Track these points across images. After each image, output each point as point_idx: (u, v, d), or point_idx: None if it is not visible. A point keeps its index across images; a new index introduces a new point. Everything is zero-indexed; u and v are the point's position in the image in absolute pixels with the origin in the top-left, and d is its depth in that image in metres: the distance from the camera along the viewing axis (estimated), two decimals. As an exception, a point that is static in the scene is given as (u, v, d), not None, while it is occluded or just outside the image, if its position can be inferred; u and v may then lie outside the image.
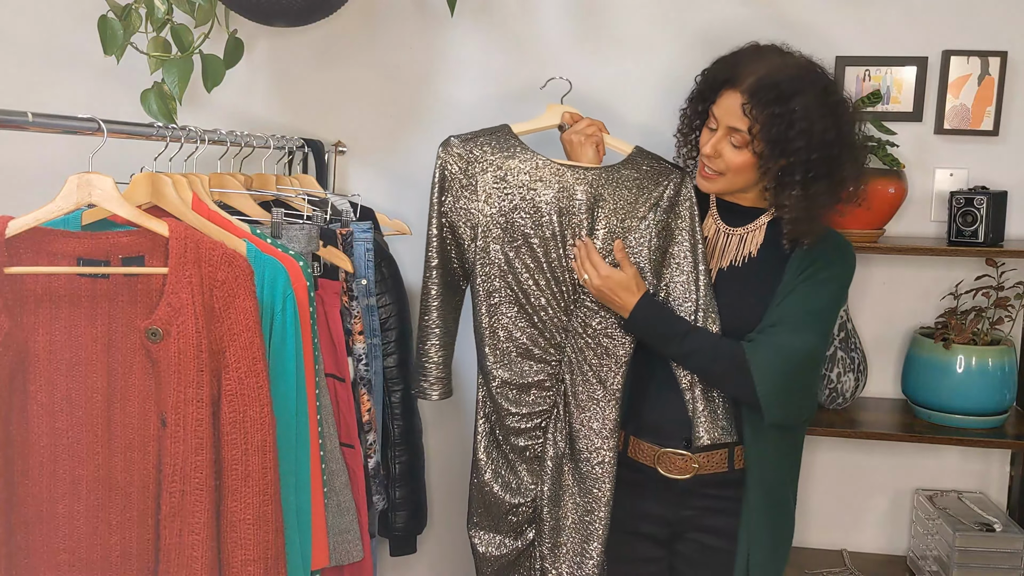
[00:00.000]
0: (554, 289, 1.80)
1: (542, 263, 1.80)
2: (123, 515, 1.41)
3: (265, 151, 2.04)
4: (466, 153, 1.81)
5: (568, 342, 1.82)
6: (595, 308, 1.80)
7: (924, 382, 2.16)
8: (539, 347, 1.82)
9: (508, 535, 1.88)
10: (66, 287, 1.39)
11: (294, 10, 1.94)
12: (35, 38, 2.46)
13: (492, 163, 1.81)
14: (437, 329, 1.87)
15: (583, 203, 1.78)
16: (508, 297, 1.81)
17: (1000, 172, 2.23)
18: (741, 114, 1.67)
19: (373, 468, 1.96)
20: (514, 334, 1.82)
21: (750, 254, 1.80)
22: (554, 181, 1.79)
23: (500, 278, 1.80)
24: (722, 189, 1.78)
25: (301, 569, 1.57)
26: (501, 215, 1.79)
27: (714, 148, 1.72)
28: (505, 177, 1.80)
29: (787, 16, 2.24)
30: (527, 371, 1.82)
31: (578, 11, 2.32)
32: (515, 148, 1.82)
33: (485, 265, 1.80)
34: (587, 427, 1.81)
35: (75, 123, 1.44)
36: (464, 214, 1.81)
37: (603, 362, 1.80)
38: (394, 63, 2.38)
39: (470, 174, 1.80)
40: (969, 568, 2.09)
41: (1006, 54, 2.18)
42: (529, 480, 1.85)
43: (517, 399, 1.83)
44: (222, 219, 1.61)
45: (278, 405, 1.46)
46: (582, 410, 1.81)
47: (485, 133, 1.84)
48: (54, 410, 1.38)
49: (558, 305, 1.81)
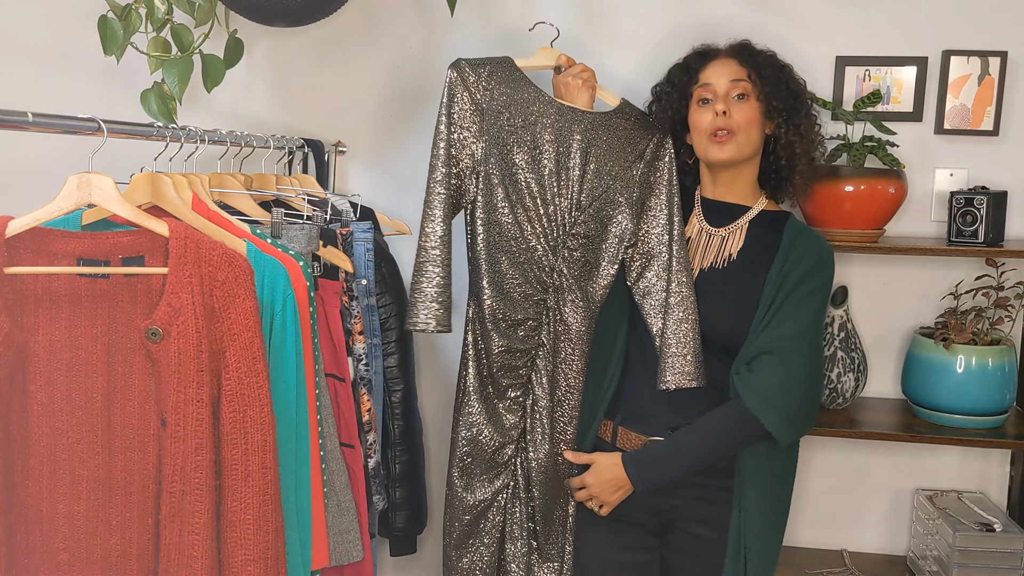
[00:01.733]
0: (545, 225, 1.83)
1: (536, 198, 1.82)
2: (123, 515, 1.41)
3: (265, 151, 2.04)
4: (475, 79, 1.83)
5: (553, 282, 1.85)
6: (577, 253, 1.83)
7: (924, 382, 2.16)
8: (529, 283, 1.84)
9: (483, 477, 1.90)
10: (66, 287, 1.39)
11: (294, 10, 1.94)
12: (35, 38, 2.46)
13: (499, 91, 1.83)
14: (438, 252, 1.83)
15: (578, 144, 1.83)
16: (505, 230, 1.83)
17: (1000, 172, 2.23)
18: (738, 67, 1.83)
19: (373, 468, 1.96)
20: (505, 268, 1.83)
21: (730, 256, 1.83)
22: (554, 119, 1.83)
23: (496, 210, 1.82)
24: (735, 154, 1.81)
25: (301, 569, 1.57)
26: (501, 143, 1.82)
27: (724, 103, 1.80)
28: (509, 106, 1.83)
29: (787, 16, 2.25)
30: (517, 306, 1.85)
31: (578, 11, 2.32)
32: (520, 82, 1.85)
33: (484, 195, 1.83)
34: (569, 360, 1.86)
35: (75, 123, 1.44)
36: (467, 142, 1.83)
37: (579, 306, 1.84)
38: (394, 63, 2.38)
39: (476, 100, 1.83)
40: (969, 568, 2.09)
41: (1006, 54, 2.18)
42: (514, 420, 1.89)
43: (507, 332, 1.85)
44: (222, 219, 1.61)
45: (278, 405, 1.46)
46: (559, 351, 1.85)
47: (492, 62, 1.87)
48: (54, 410, 1.38)
49: (547, 244, 1.83)
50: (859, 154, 2.12)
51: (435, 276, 1.82)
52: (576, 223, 1.82)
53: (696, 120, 1.84)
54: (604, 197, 1.83)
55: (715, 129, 1.80)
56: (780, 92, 1.84)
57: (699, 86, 1.84)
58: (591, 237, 1.83)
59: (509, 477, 1.91)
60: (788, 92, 1.85)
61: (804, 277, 1.77)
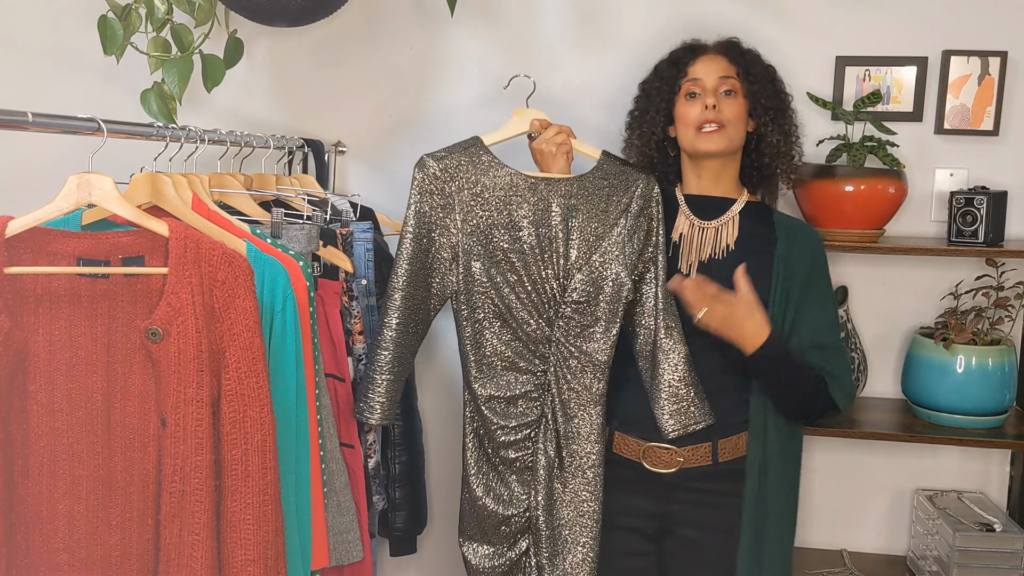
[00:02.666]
0: (535, 301, 1.80)
1: (522, 277, 1.79)
2: (123, 515, 1.41)
3: (265, 151, 2.04)
4: (441, 172, 1.80)
5: (551, 352, 1.81)
6: (575, 317, 1.79)
7: (924, 382, 2.16)
8: (524, 359, 1.81)
9: (501, 545, 1.87)
10: (66, 287, 1.39)
11: (294, 10, 1.94)
12: (36, 38, 2.46)
13: (468, 180, 1.80)
14: (388, 354, 1.80)
15: (558, 214, 1.80)
16: (491, 313, 1.80)
17: (1000, 172, 2.23)
18: (728, 64, 1.85)
19: (373, 468, 1.96)
20: (499, 348, 1.80)
21: (728, 247, 1.84)
22: (529, 194, 1.80)
23: (482, 295, 1.79)
24: (727, 144, 1.83)
25: (301, 569, 1.57)
26: (480, 232, 1.79)
27: (714, 97, 1.82)
28: (481, 194, 1.80)
29: (787, 16, 2.25)
30: (513, 383, 1.81)
31: (578, 11, 2.32)
32: (488, 163, 1.82)
33: (468, 281, 1.79)
34: (576, 433, 1.81)
35: (75, 123, 1.44)
36: (443, 234, 1.80)
37: (586, 368, 1.80)
38: (394, 63, 2.38)
39: (447, 193, 1.80)
40: (969, 568, 2.09)
41: (1006, 54, 2.18)
42: (520, 491, 1.84)
43: (505, 412, 1.81)
44: (222, 219, 1.61)
45: (278, 405, 1.46)
46: (570, 417, 1.81)
47: (458, 148, 1.84)
48: (54, 410, 1.38)
49: (540, 317, 1.80)
50: (859, 154, 2.12)
51: (385, 367, 1.79)
52: (568, 291, 1.79)
53: (683, 113, 1.86)
54: (594, 260, 1.79)
55: (704, 122, 1.81)
56: (767, 91, 1.87)
57: (687, 80, 1.86)
58: (587, 302, 1.79)
59: (527, 540, 1.87)
60: (774, 91, 1.88)
61: (817, 270, 1.85)
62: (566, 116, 2.32)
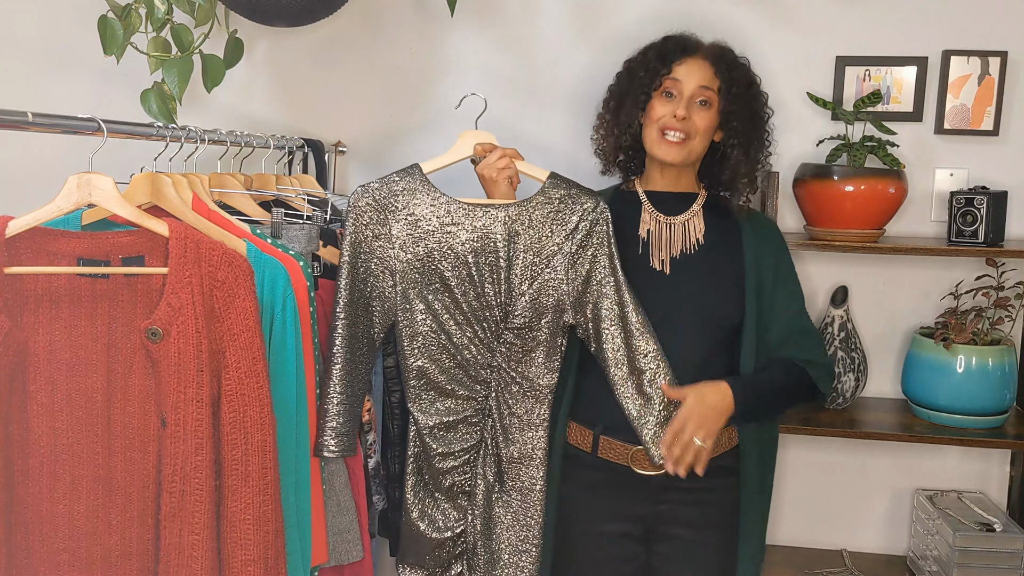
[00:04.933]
0: (475, 328, 1.78)
1: (461, 304, 1.77)
2: (123, 515, 1.41)
3: (265, 151, 2.04)
4: (377, 202, 1.77)
5: (492, 377, 1.80)
6: (516, 343, 1.77)
7: (924, 382, 2.16)
8: (464, 386, 1.79)
9: (435, 569, 1.86)
10: (66, 287, 1.39)
11: (294, 10, 1.94)
12: (36, 38, 2.47)
13: (403, 210, 1.77)
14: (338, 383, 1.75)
15: (498, 241, 1.76)
16: (430, 340, 1.77)
17: (1000, 172, 2.23)
18: (712, 75, 1.81)
19: (373, 468, 1.96)
20: (438, 375, 1.78)
21: (698, 241, 1.85)
22: (467, 222, 1.77)
23: (421, 322, 1.77)
24: (685, 157, 1.82)
25: (301, 569, 1.57)
26: (417, 260, 1.76)
27: (686, 110, 1.79)
28: (418, 223, 1.77)
29: (787, 15, 2.25)
30: (452, 409, 1.80)
31: (578, 11, 2.32)
32: (424, 193, 1.78)
33: (405, 310, 1.77)
34: (518, 456, 1.80)
35: (75, 123, 1.44)
36: (381, 262, 1.77)
37: (528, 394, 1.79)
38: (394, 63, 2.38)
39: (383, 222, 1.77)
40: (969, 568, 2.09)
41: (1006, 54, 2.18)
42: (455, 515, 1.83)
43: (444, 438, 1.80)
44: (222, 219, 1.61)
45: (278, 405, 1.46)
46: (511, 442, 1.80)
47: (396, 177, 1.80)
48: (54, 410, 1.39)
49: (480, 343, 1.78)
50: (859, 154, 2.12)
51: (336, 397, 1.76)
52: (510, 316, 1.77)
53: (654, 109, 1.83)
54: (536, 286, 1.76)
55: (669, 127, 1.80)
56: (742, 113, 1.83)
57: (668, 78, 1.83)
58: (529, 327, 1.77)
59: (462, 565, 1.87)
60: (749, 114, 1.84)
61: (783, 257, 1.88)
62: (566, 116, 2.33)
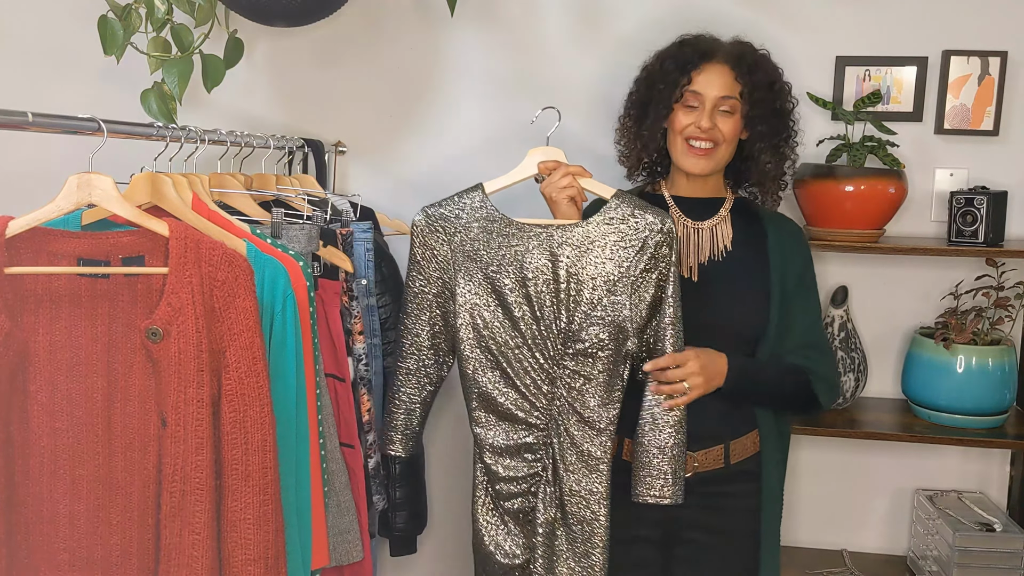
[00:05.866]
0: (535, 353, 1.75)
1: (520, 327, 1.74)
2: (123, 515, 1.41)
3: (265, 151, 2.04)
4: (437, 224, 1.76)
5: (552, 406, 1.76)
6: (576, 370, 1.74)
7: (924, 382, 2.16)
8: (523, 410, 1.77)
9: None
10: (66, 287, 1.39)
11: (294, 10, 1.94)
12: (35, 38, 2.47)
13: (462, 232, 1.76)
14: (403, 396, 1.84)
15: (558, 262, 1.73)
16: (490, 362, 1.76)
17: (1000, 172, 2.23)
18: (733, 80, 1.80)
19: (373, 468, 1.96)
20: (498, 399, 1.77)
21: (726, 248, 1.84)
22: (531, 244, 1.73)
23: (482, 344, 1.76)
24: (714, 167, 1.82)
25: (301, 569, 1.57)
26: (476, 282, 1.75)
27: (710, 120, 1.78)
28: (476, 244, 1.75)
29: (787, 15, 2.25)
30: (513, 434, 1.78)
31: (578, 11, 2.32)
32: (484, 213, 1.76)
33: (465, 330, 1.76)
34: (579, 491, 1.76)
35: (75, 123, 1.44)
36: (444, 284, 1.77)
37: (588, 425, 1.75)
38: (394, 63, 2.38)
39: (444, 243, 1.76)
40: (969, 568, 2.09)
41: (1006, 54, 2.18)
42: (522, 542, 1.81)
43: (506, 463, 1.79)
44: (222, 219, 1.61)
45: (278, 405, 1.46)
46: (571, 474, 1.76)
47: (456, 197, 1.78)
48: (54, 410, 1.38)
49: (540, 369, 1.75)
50: (859, 154, 2.12)
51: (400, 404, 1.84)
52: (570, 341, 1.73)
53: (678, 120, 1.82)
54: (599, 310, 1.72)
55: (694, 137, 1.79)
56: (767, 113, 1.81)
57: (689, 91, 1.81)
58: (589, 353, 1.73)
59: None
60: (774, 113, 1.83)
61: (807, 266, 1.87)
62: (566, 116, 2.32)
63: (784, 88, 1.87)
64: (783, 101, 1.86)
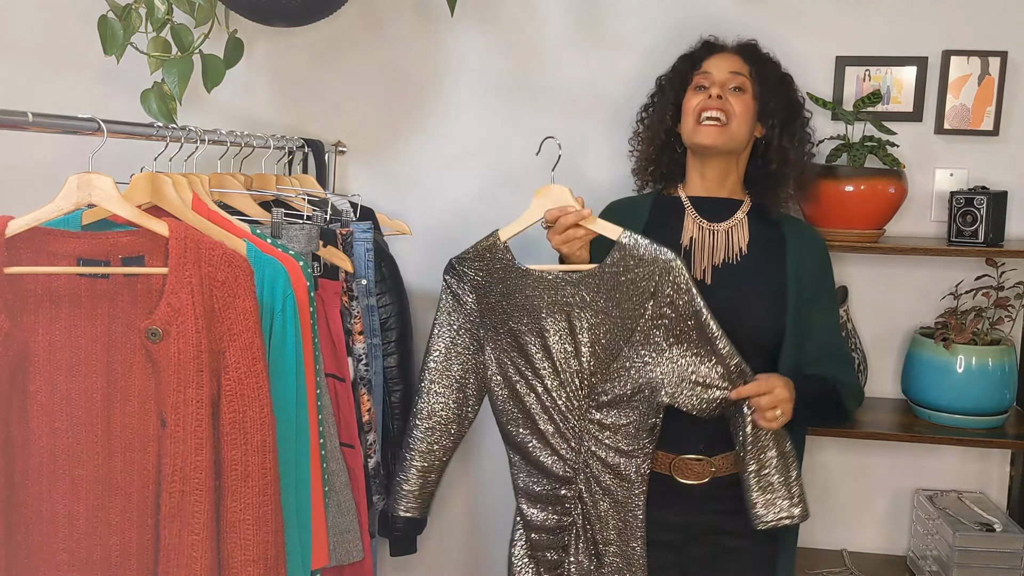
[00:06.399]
0: (561, 408, 1.73)
1: (546, 382, 1.73)
2: (123, 515, 1.41)
3: (265, 151, 2.04)
4: (461, 275, 1.75)
5: (581, 461, 1.75)
6: (604, 422, 1.72)
7: (924, 382, 2.16)
8: (553, 462, 1.76)
9: None
10: (66, 287, 1.39)
11: (294, 10, 1.94)
12: (35, 38, 2.47)
13: (490, 284, 1.74)
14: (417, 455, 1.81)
15: (575, 314, 1.70)
16: (520, 415, 1.76)
17: (1000, 172, 2.23)
18: (741, 62, 1.85)
19: (373, 468, 1.96)
20: (530, 450, 1.76)
21: (741, 250, 1.82)
22: (545, 297, 1.71)
23: (511, 398, 1.76)
24: (726, 141, 1.81)
25: (301, 569, 1.57)
26: (506, 336, 1.75)
27: (720, 90, 1.81)
28: (503, 299, 1.73)
29: (787, 16, 2.25)
30: (545, 483, 1.77)
31: (579, 11, 2.32)
32: (504, 264, 1.73)
33: (495, 385, 1.77)
34: (615, 540, 1.75)
35: (75, 123, 1.44)
36: (472, 337, 1.77)
37: (621, 479, 1.73)
38: (394, 63, 2.38)
39: (468, 293, 1.75)
40: (969, 568, 2.09)
41: (1006, 54, 2.18)
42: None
43: (540, 511, 1.78)
44: (222, 219, 1.61)
45: (278, 405, 1.46)
46: (606, 525, 1.75)
47: (479, 247, 1.74)
48: (54, 410, 1.38)
49: (567, 423, 1.73)
50: (859, 154, 2.12)
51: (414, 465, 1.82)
52: (593, 394, 1.72)
53: (687, 102, 1.85)
54: (620, 359, 1.70)
55: (705, 109, 1.80)
56: (777, 95, 1.85)
57: (698, 73, 1.86)
58: (614, 404, 1.71)
59: None
60: (786, 98, 1.87)
61: (826, 274, 1.87)
62: (566, 117, 2.33)
63: (795, 85, 1.93)
64: (794, 94, 1.91)
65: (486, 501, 2.48)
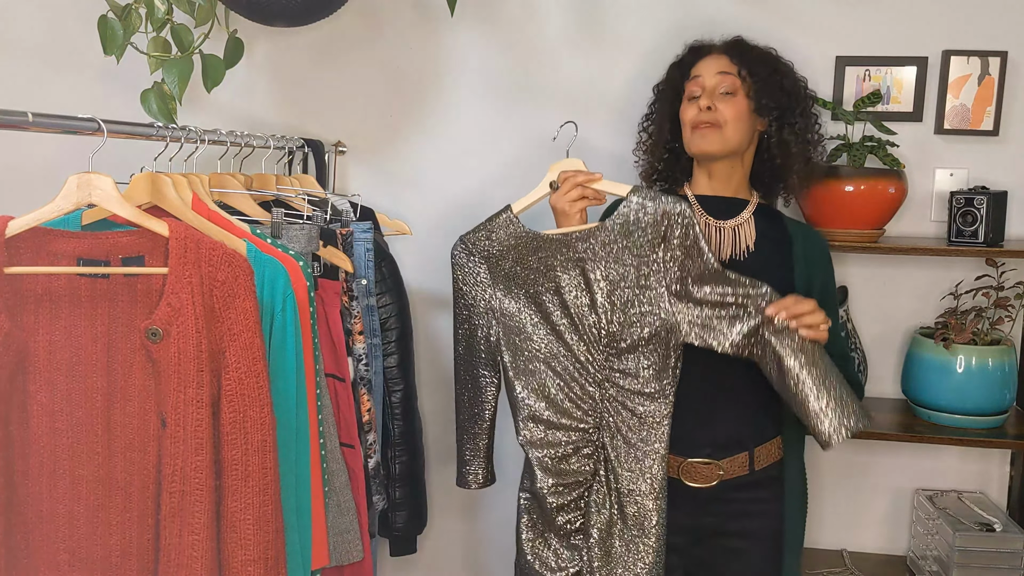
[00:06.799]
0: (580, 358, 1.76)
1: (563, 336, 1.76)
2: (123, 515, 1.41)
3: (265, 151, 2.04)
4: (472, 251, 1.81)
5: (603, 408, 1.76)
6: (625, 369, 1.74)
7: (924, 382, 2.16)
8: (574, 418, 1.76)
9: None
10: (66, 287, 1.39)
11: (294, 10, 1.94)
12: (35, 38, 2.47)
13: (502, 253, 1.79)
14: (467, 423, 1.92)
15: (589, 268, 1.74)
16: (539, 375, 1.78)
17: (1000, 172, 2.23)
18: (728, 62, 1.84)
19: (373, 468, 1.96)
20: (546, 408, 1.78)
21: (748, 248, 1.83)
22: (559, 256, 1.75)
23: (528, 357, 1.78)
24: (718, 147, 1.81)
25: (301, 569, 1.57)
26: (523, 299, 1.79)
27: (709, 99, 1.81)
28: (517, 266, 1.78)
29: (787, 15, 2.25)
30: (563, 440, 1.77)
31: (578, 11, 2.32)
32: (516, 232, 1.78)
33: (511, 347, 1.80)
34: (635, 489, 1.74)
35: (75, 123, 1.44)
36: (487, 306, 1.81)
37: (641, 422, 1.73)
38: (394, 63, 2.38)
39: (482, 266, 1.81)
40: (969, 568, 2.09)
41: (1006, 54, 2.18)
42: (568, 555, 1.80)
43: (556, 469, 1.78)
44: (222, 219, 1.61)
45: (278, 405, 1.46)
46: (625, 472, 1.74)
47: (488, 222, 1.80)
48: (54, 410, 1.38)
49: (587, 374, 1.76)
50: (859, 154, 2.12)
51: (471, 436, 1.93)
52: (614, 343, 1.73)
53: (682, 112, 1.86)
54: (637, 305, 1.72)
55: (698, 123, 1.81)
56: (770, 89, 1.83)
57: (690, 80, 1.86)
58: (634, 350, 1.73)
59: None
60: (780, 90, 1.85)
61: (830, 277, 1.87)
62: (565, 117, 2.32)
63: (792, 73, 1.90)
64: (791, 83, 1.88)
65: (486, 501, 2.48)
